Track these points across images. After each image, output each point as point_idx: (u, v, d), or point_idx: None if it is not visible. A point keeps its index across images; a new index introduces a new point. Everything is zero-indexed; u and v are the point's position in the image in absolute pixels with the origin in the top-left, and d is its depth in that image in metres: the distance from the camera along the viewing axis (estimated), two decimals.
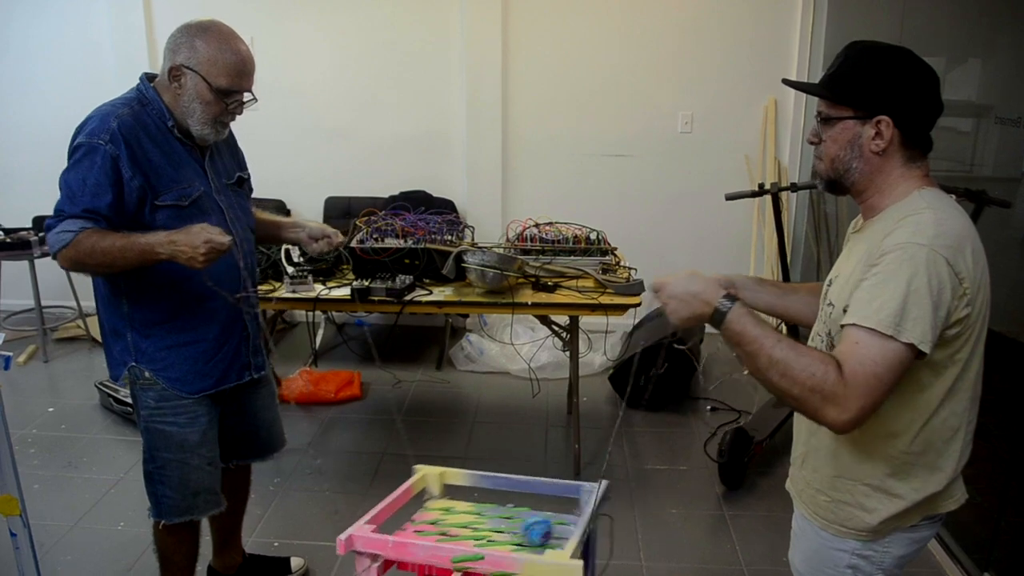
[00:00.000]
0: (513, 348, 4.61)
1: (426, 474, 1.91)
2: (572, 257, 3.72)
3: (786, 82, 1.78)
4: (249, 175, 2.60)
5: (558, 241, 3.77)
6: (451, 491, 1.98)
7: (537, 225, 3.83)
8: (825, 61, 4.91)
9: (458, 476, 1.92)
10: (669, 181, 5.32)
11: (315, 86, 5.37)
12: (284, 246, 3.43)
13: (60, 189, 2.16)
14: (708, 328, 5.01)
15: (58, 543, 3.17)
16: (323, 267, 3.59)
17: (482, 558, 1.48)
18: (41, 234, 5.03)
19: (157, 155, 2.21)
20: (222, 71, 2.21)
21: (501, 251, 3.62)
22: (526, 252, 3.72)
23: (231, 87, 2.24)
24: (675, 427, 4.24)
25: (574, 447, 3.79)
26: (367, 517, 1.68)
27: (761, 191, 3.92)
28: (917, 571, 3.06)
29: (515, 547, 1.62)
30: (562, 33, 5.17)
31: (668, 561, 3.12)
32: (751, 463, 3.65)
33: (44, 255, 5.02)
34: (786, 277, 4.04)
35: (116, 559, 3.08)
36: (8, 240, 5.00)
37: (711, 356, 5.05)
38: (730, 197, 3.88)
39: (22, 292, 5.23)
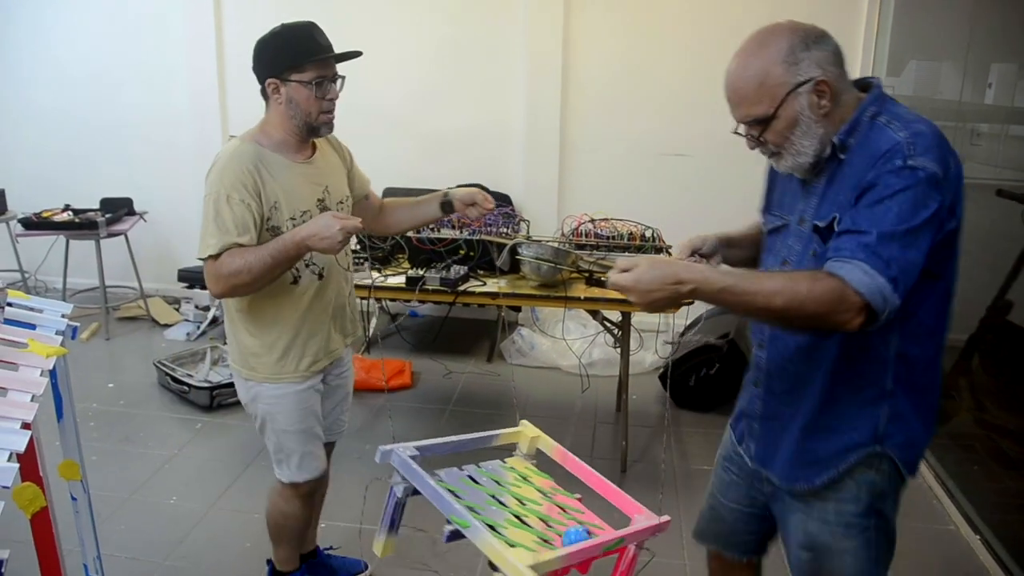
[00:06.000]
0: (565, 343, 4.61)
1: (523, 431, 1.86)
2: (626, 254, 3.72)
3: None
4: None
5: (613, 237, 3.76)
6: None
7: (592, 221, 3.82)
8: (890, 65, 4.81)
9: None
10: (727, 183, 5.24)
11: (376, 77, 5.41)
12: None
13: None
14: None
15: (114, 513, 3.26)
16: (379, 255, 3.63)
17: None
18: (108, 215, 5.16)
19: None
20: None
21: (556, 245, 3.63)
22: (580, 247, 3.72)
23: None
24: (725, 428, 4.19)
25: (621, 444, 3.78)
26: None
27: None
28: None
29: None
30: (623, 30, 5.15)
31: None
32: None
33: (110, 236, 5.16)
34: None
35: (168, 531, 3.16)
36: (77, 221, 5.15)
37: None
38: None
39: (88, 271, 5.39)
